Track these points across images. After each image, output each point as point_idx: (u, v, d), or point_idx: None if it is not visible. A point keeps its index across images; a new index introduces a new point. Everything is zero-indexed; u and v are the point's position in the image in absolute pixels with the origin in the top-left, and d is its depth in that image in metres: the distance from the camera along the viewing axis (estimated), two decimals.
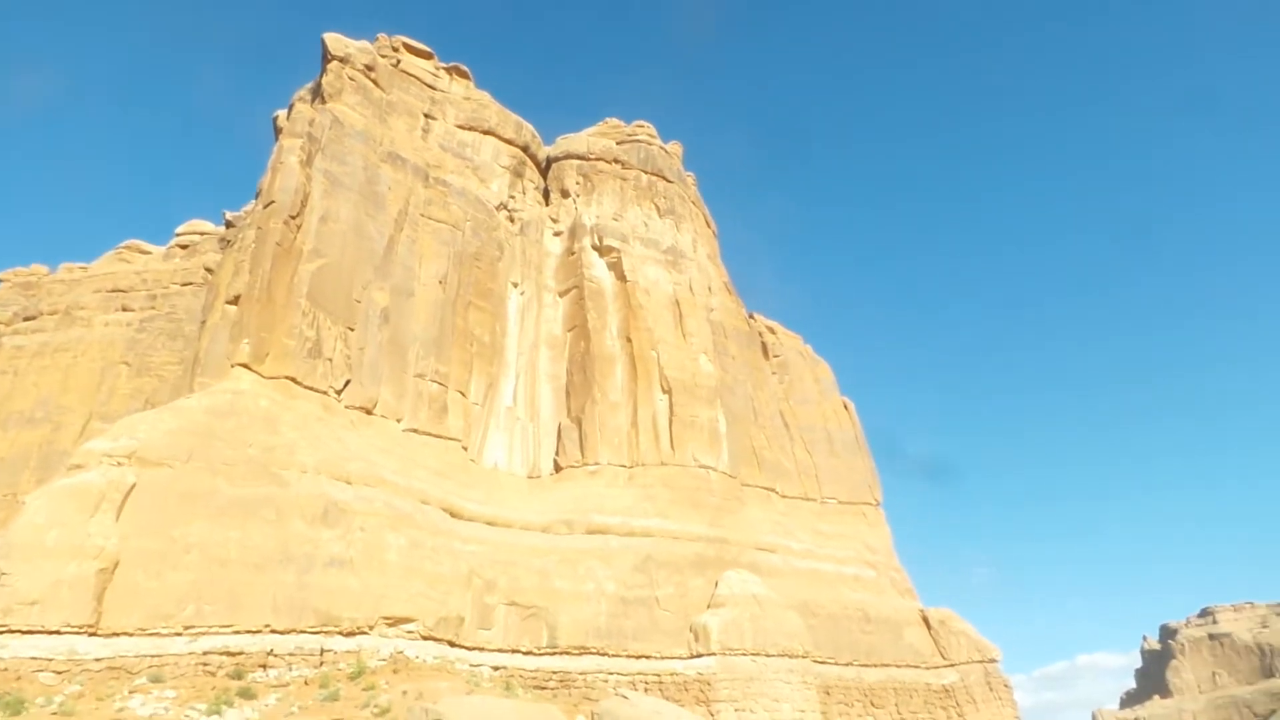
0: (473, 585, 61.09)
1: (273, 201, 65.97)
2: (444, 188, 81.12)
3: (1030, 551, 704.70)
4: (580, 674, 63.93)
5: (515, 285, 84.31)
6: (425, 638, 56.67)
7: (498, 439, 76.25)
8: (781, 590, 76.98)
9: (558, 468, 77.65)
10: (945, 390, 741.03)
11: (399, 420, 68.09)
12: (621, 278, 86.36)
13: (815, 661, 74.96)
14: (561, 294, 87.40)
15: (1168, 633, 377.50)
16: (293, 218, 66.09)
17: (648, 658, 66.79)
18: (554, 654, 64.09)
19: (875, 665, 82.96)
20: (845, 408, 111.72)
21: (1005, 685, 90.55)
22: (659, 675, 65.78)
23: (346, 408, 65.27)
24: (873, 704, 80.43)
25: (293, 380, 62.38)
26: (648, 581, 69.96)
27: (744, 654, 68.01)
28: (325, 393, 64.21)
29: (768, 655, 69.02)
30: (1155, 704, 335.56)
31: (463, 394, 73.24)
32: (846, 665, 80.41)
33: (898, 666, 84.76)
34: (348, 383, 65.88)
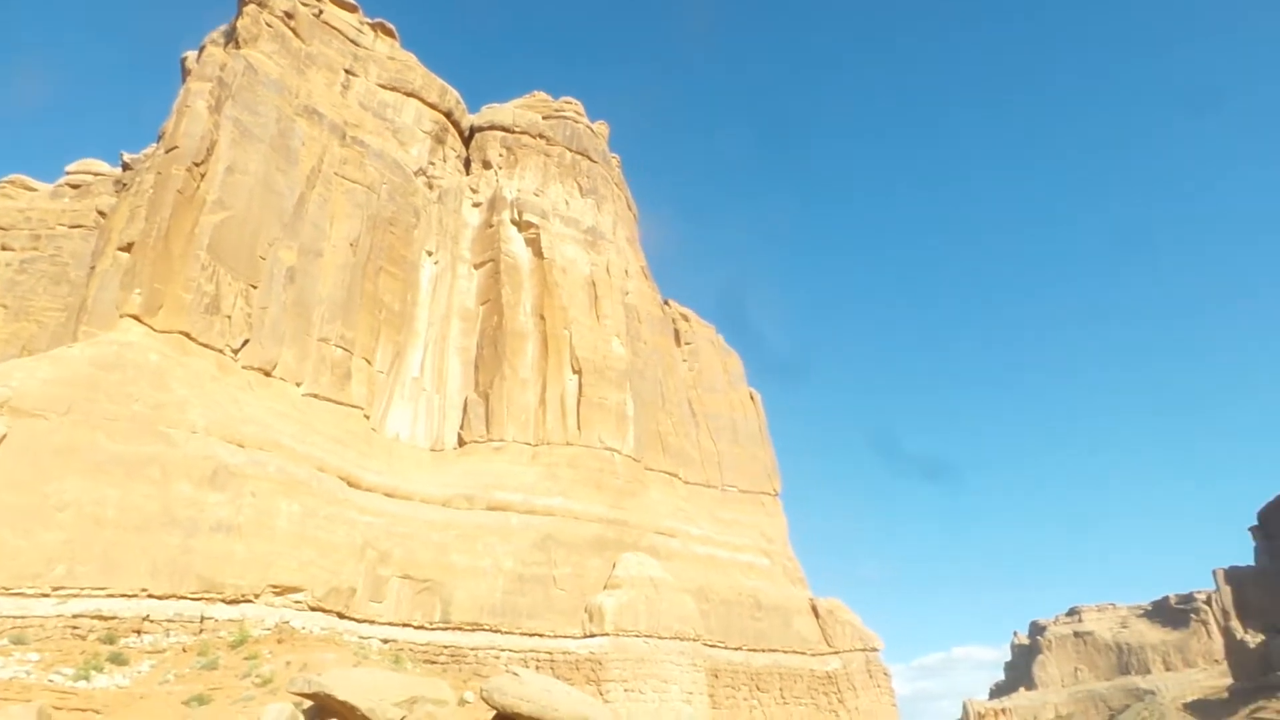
0: (367, 557, 59.84)
1: (176, 146, 62.66)
2: (361, 148, 78.58)
3: (915, 549, 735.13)
4: (472, 650, 63.49)
5: (430, 254, 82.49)
6: (314, 608, 55.27)
7: (402, 409, 74.67)
8: (679, 574, 78.00)
9: (462, 442, 76.62)
10: (847, 389, 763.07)
11: (299, 384, 65.90)
12: (539, 254, 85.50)
13: (706, 645, 76.35)
14: (477, 266, 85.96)
15: (1037, 629, 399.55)
16: (196, 165, 62.94)
17: (541, 636, 66.80)
18: (447, 629, 63.43)
19: (764, 651, 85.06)
20: (752, 399, 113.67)
21: (885, 674, 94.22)
22: (551, 654, 65.90)
23: (244, 368, 62.77)
24: (758, 688, 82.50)
25: (187, 336, 59.61)
26: (546, 560, 69.86)
27: (637, 635, 68.72)
28: (221, 351, 61.61)
29: (660, 638, 69.91)
30: (1021, 695, 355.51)
31: (368, 361, 71.39)
32: (736, 650, 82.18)
33: (785, 652, 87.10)
34: (246, 342, 63.33)
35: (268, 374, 63.87)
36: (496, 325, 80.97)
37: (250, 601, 51.83)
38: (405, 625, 61.37)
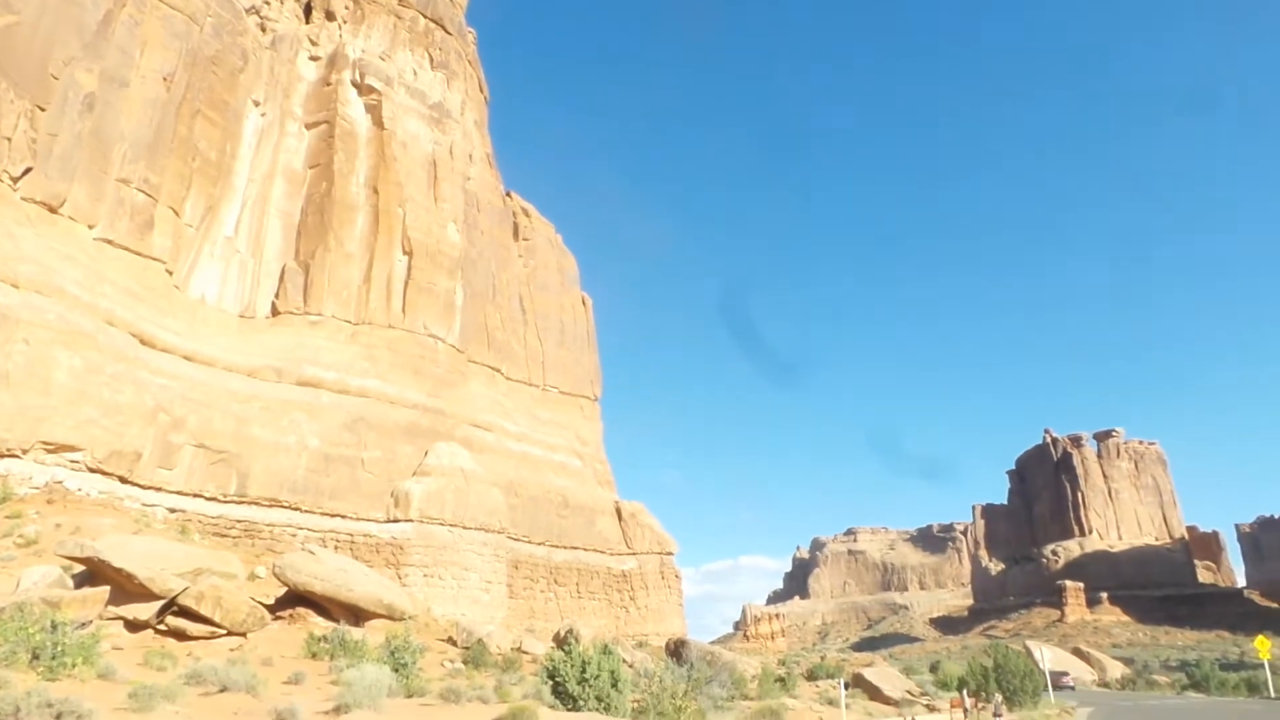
0: (157, 421, 55.86)
1: None
2: None
3: (715, 463, 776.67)
4: (268, 526, 61.36)
5: (256, 104, 75.44)
6: (93, 470, 51.30)
7: (211, 269, 68.99)
8: (491, 468, 78.25)
9: (276, 312, 72.17)
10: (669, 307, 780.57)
11: (92, 227, 59.08)
12: (379, 124, 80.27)
13: (510, 538, 77.63)
14: (309, 126, 79.58)
15: (817, 545, 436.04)
16: None
17: (344, 517, 65.47)
18: (242, 503, 60.83)
19: (565, 547, 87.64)
20: (583, 303, 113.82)
21: (676, 576, 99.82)
22: (352, 535, 64.83)
23: (24, 200, 55.47)
24: (556, 582, 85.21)
25: None
26: (356, 441, 67.99)
27: (442, 524, 68.76)
28: None
29: (465, 527, 70.31)
30: (795, 603, 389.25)
31: (175, 212, 65.03)
32: (539, 545, 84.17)
33: (586, 550, 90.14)
34: (28, 171, 55.78)
35: (53, 210, 56.87)
36: (325, 193, 75.89)
37: (16, 457, 47.37)
38: (196, 496, 58.29)
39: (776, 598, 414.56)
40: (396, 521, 67.05)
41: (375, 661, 27.48)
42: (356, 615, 42.46)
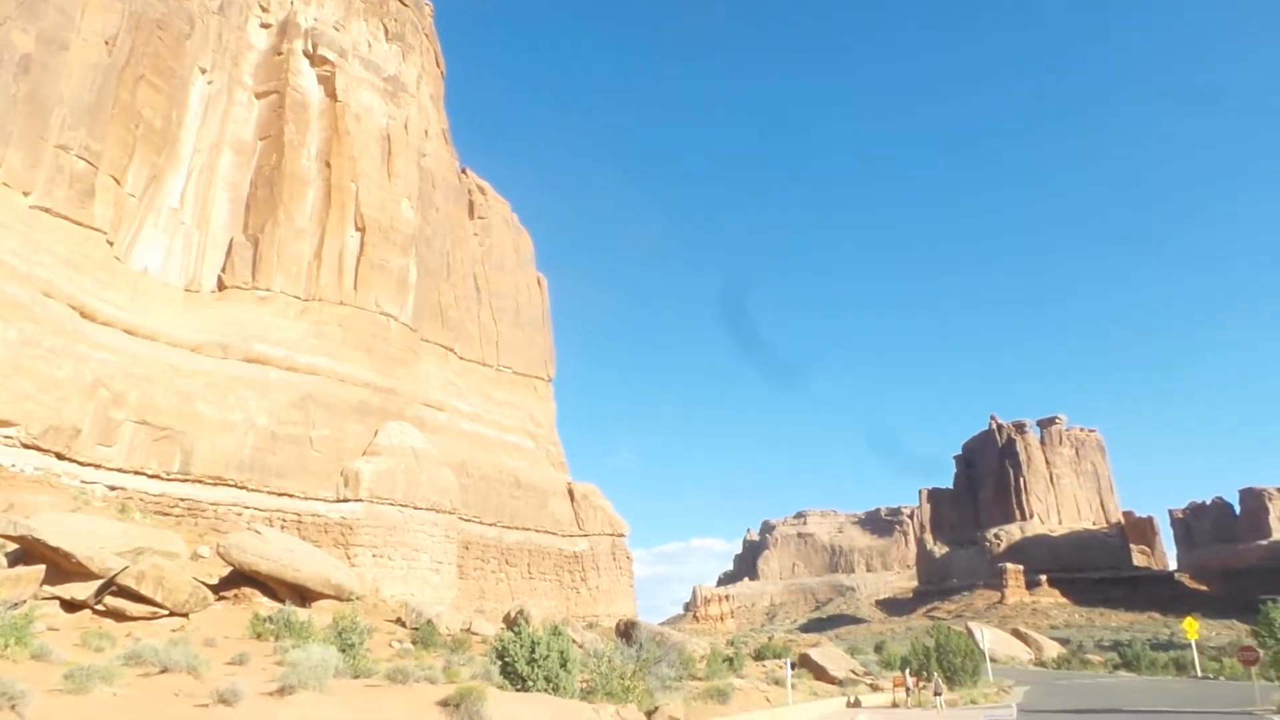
0: (97, 396, 54.35)
1: None
2: None
3: (669, 446, 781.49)
4: (213, 505, 60.18)
5: (204, 72, 73.21)
6: (28, 446, 49.77)
7: (155, 241, 66.97)
8: (442, 448, 77.63)
9: (222, 286, 70.48)
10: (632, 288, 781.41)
11: (27, 194, 56.89)
12: (332, 95, 78.56)
13: (462, 519, 77.23)
14: (259, 96, 77.53)
15: (767, 527, 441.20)
16: None
17: (292, 496, 64.48)
18: (185, 481, 59.55)
19: (517, 528, 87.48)
20: (539, 283, 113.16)
21: (627, 557, 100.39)
22: (300, 515, 63.91)
23: None
24: (508, 562, 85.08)
25: None
26: (305, 420, 66.90)
27: (392, 504, 68.12)
28: None
29: (416, 508, 69.75)
30: (745, 584, 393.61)
31: (117, 181, 62.93)
32: (490, 525, 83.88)
33: (538, 531, 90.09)
34: None
35: None
36: (275, 165, 74.14)
37: None
38: (138, 474, 56.91)
39: (727, 579, 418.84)
40: (346, 501, 66.26)
41: (322, 642, 27.17)
42: (303, 596, 41.95)
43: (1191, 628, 73.45)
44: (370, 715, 19.06)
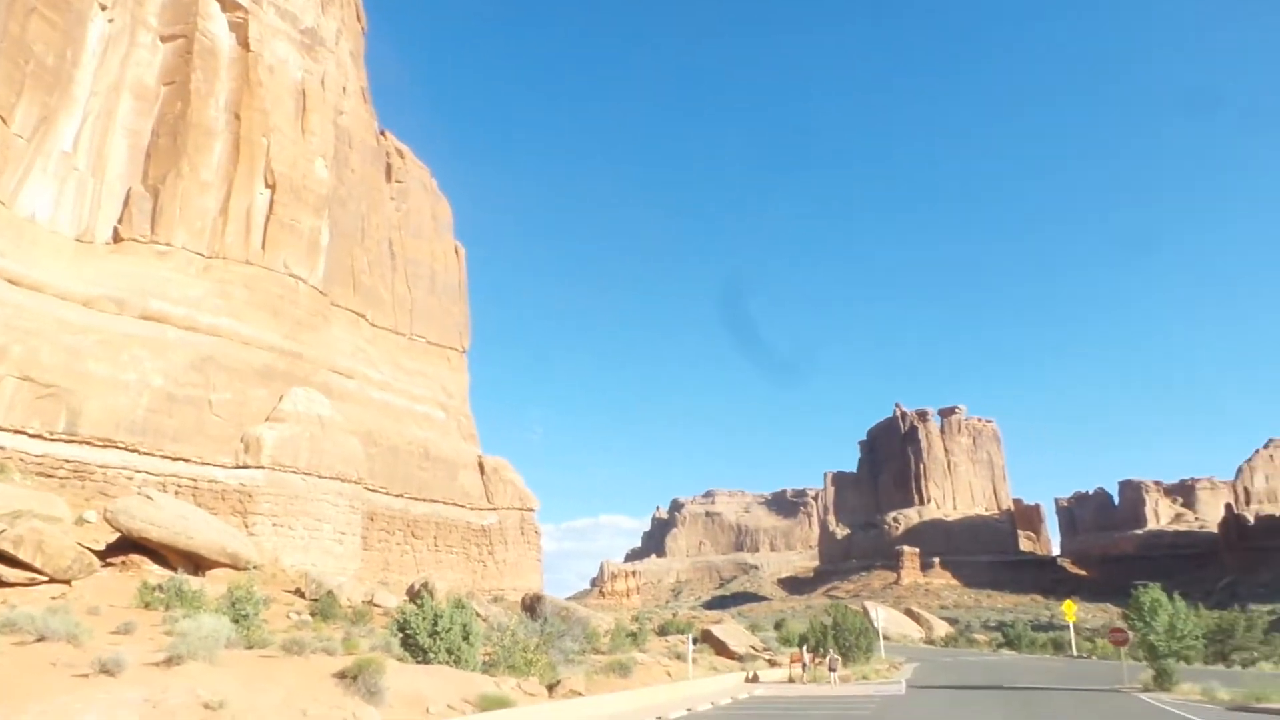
0: None
1: None
2: None
3: (581, 422, 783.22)
4: (101, 468, 57.41)
5: (104, 8, 68.81)
6: None
7: (44, 186, 62.82)
8: (350, 416, 75.80)
9: (118, 238, 66.85)
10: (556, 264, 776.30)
11: None
12: (244, 44, 75.05)
13: (368, 489, 75.70)
14: (164, 39, 73.36)
15: (676, 506, 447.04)
16: None
17: (188, 461, 62.04)
18: (72, 442, 56.60)
19: (425, 500, 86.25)
20: (456, 252, 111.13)
21: (536, 532, 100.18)
22: (196, 481, 61.57)
23: None
24: (414, 535, 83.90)
25: None
26: (204, 382, 64.32)
27: (295, 472, 66.26)
28: None
29: (320, 476, 68.03)
30: (652, 561, 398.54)
31: (3, 120, 58.88)
32: (397, 497, 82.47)
33: (446, 504, 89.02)
34: None
35: None
36: (180, 114, 70.52)
37: None
38: (18, 432, 53.81)
39: (634, 556, 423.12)
40: (246, 468, 64.12)
41: (214, 612, 26.35)
42: (197, 564, 40.60)
43: (1069, 610, 77.92)
44: (262, 687, 18.55)
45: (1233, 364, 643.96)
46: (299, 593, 44.61)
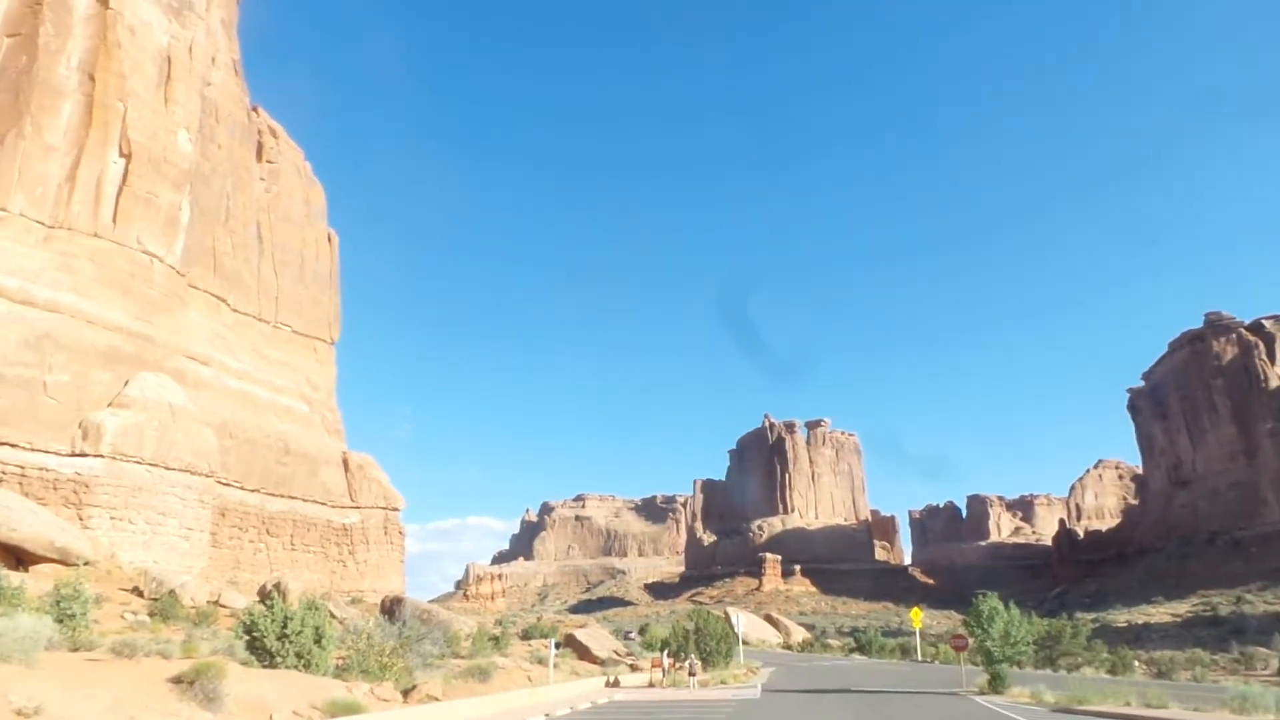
0: None
1: None
2: None
3: (452, 422, 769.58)
4: None
5: None
6: None
7: None
8: (204, 405, 71.59)
9: None
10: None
11: None
12: (104, 1, 69.92)
13: (220, 483, 71.63)
14: None
15: (546, 509, 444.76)
16: None
17: (15, 447, 56.96)
18: None
19: (283, 496, 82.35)
20: (329, 240, 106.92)
21: (400, 532, 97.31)
22: (24, 468, 56.62)
23: None
24: (269, 532, 79.93)
25: None
26: (39, 362, 59.33)
27: (140, 462, 61.96)
28: None
29: (168, 468, 63.88)
30: (519, 564, 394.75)
31: None
32: (252, 492, 78.42)
33: (305, 500, 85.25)
34: None
35: None
36: (25, 69, 64.94)
37: None
38: None
39: (502, 558, 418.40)
40: (84, 456, 59.46)
41: (35, 611, 24.23)
42: (19, 559, 37.46)
43: (916, 617, 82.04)
44: (87, 692, 17.12)
45: (1071, 388, 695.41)
46: (137, 591, 41.77)
